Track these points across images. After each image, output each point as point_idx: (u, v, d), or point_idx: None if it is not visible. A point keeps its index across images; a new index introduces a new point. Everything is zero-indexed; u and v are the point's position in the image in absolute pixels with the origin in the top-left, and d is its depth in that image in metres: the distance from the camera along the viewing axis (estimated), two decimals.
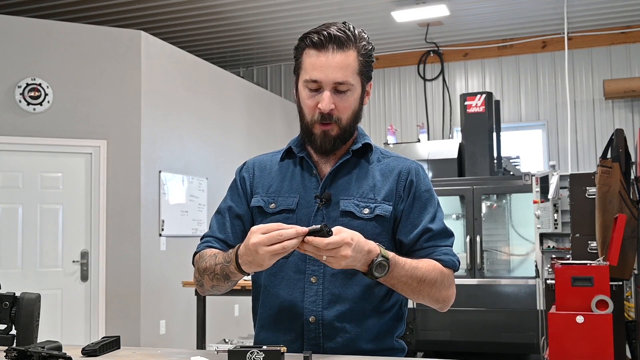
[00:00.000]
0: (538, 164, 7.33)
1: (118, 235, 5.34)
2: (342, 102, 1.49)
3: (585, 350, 3.66)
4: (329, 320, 1.49)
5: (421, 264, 1.47)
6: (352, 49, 1.48)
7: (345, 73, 1.47)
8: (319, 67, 1.47)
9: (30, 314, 1.55)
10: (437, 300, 1.52)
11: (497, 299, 5.75)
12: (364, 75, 1.52)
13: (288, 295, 1.52)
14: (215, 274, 1.49)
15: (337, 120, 1.50)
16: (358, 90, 1.52)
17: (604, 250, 4.03)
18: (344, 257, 1.31)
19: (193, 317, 4.37)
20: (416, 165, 1.60)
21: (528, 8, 6.71)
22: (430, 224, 1.54)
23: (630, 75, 7.12)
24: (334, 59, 1.46)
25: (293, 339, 1.51)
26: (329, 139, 1.52)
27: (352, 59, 1.48)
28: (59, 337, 1.58)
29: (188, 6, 6.47)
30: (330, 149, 1.54)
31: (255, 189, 1.62)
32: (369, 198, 1.53)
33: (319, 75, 1.47)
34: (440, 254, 1.52)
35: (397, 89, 8.08)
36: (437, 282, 1.48)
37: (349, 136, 1.55)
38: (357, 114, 1.54)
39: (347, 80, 1.48)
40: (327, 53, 1.47)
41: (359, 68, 1.50)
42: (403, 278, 1.43)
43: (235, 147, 6.88)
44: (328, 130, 1.51)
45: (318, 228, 1.31)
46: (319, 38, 1.46)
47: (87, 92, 5.36)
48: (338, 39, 1.46)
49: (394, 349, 1.57)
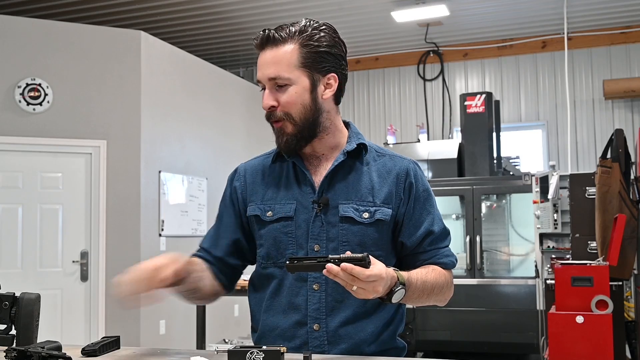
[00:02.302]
0: (538, 164, 7.32)
1: (118, 235, 5.34)
2: (283, 97, 1.49)
3: (585, 351, 3.66)
4: (333, 327, 1.48)
5: (429, 276, 1.48)
6: (289, 43, 1.48)
7: (278, 68, 1.48)
8: (259, 67, 1.52)
9: (30, 314, 1.54)
10: (440, 302, 1.56)
11: (497, 299, 5.75)
12: (309, 68, 1.48)
13: (291, 303, 1.51)
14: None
15: (286, 117, 1.49)
16: (302, 83, 1.48)
17: (603, 250, 4.03)
18: (375, 292, 1.29)
19: (193, 317, 4.37)
20: (413, 164, 1.58)
21: (528, 8, 6.70)
22: (432, 226, 1.55)
23: (630, 75, 7.12)
24: (268, 56, 1.50)
25: (296, 346, 1.49)
26: (286, 137, 1.50)
27: (289, 53, 1.47)
28: (58, 337, 1.58)
29: (188, 6, 6.46)
30: (294, 148, 1.51)
31: (250, 197, 1.59)
32: (367, 201, 1.51)
33: (259, 74, 1.52)
34: (442, 257, 1.54)
35: (397, 89, 8.07)
36: (444, 288, 1.52)
37: (311, 133, 1.51)
38: (310, 107, 1.49)
39: (280, 75, 1.47)
40: (264, 52, 1.51)
41: (300, 60, 1.47)
42: (416, 294, 1.45)
43: (235, 147, 6.88)
44: (281, 128, 1.50)
45: (359, 257, 1.27)
46: (259, 40, 1.52)
47: (87, 92, 5.36)
48: (273, 37, 1.49)
49: (396, 348, 1.57)
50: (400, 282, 1.37)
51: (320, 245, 1.49)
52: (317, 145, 1.54)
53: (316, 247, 1.50)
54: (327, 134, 1.54)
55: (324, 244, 1.49)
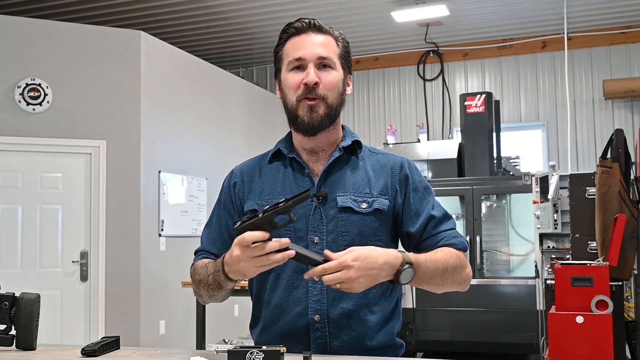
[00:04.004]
0: (538, 164, 7.32)
1: (118, 235, 5.34)
2: (327, 77, 1.52)
3: (585, 351, 3.66)
4: (334, 318, 1.49)
5: (439, 255, 1.49)
6: (330, 35, 1.56)
7: (328, 50, 1.53)
8: (302, 47, 1.52)
9: (29, 314, 1.54)
10: (459, 284, 1.56)
11: (497, 299, 5.75)
12: (345, 61, 1.57)
13: (291, 296, 1.52)
14: (209, 285, 1.50)
15: (323, 97, 1.51)
16: (340, 71, 1.55)
17: (603, 250, 4.03)
18: (350, 280, 1.30)
19: (193, 317, 4.37)
20: (407, 159, 1.63)
21: (528, 8, 6.70)
22: (432, 211, 1.57)
23: (630, 75, 7.12)
24: (316, 38, 1.53)
25: (298, 339, 1.50)
26: (316, 115, 1.51)
27: (332, 42, 1.55)
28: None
29: (188, 6, 6.46)
30: (318, 127, 1.52)
31: (247, 194, 1.61)
32: (365, 193, 1.54)
33: (303, 52, 1.52)
34: (450, 238, 1.55)
35: (397, 89, 8.07)
36: (457, 267, 1.51)
37: (335, 117, 1.55)
38: (341, 96, 1.55)
39: (330, 56, 1.53)
40: (308, 35, 1.53)
41: (340, 52, 1.56)
42: (428, 275, 1.45)
43: (235, 147, 6.88)
44: (314, 106, 1.51)
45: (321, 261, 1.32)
46: (299, 24, 1.54)
47: (87, 92, 5.36)
48: (317, 25, 1.55)
49: (395, 345, 1.58)
50: (407, 262, 1.38)
51: (319, 237, 1.51)
52: (323, 138, 1.57)
53: (316, 239, 1.51)
54: (334, 128, 1.58)
55: (323, 236, 1.51)
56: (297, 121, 1.53)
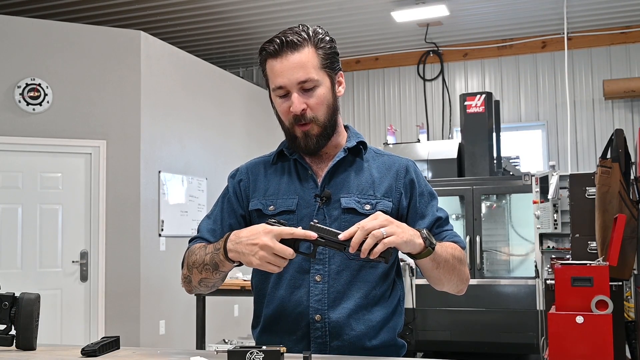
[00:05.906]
0: (538, 164, 7.32)
1: (118, 235, 5.34)
2: (312, 100, 1.51)
3: (585, 351, 3.66)
4: (335, 318, 1.49)
5: (447, 244, 1.51)
6: (307, 46, 1.51)
7: (306, 70, 1.49)
8: (280, 73, 1.49)
9: (29, 314, 1.54)
10: (463, 280, 1.55)
11: (497, 299, 5.75)
12: (328, 68, 1.54)
13: (292, 295, 1.52)
14: (205, 265, 1.50)
15: (313, 119, 1.52)
16: (326, 83, 1.53)
17: (603, 250, 4.03)
18: (386, 222, 1.32)
19: (193, 317, 4.37)
20: (412, 162, 1.64)
21: (528, 8, 6.70)
22: (437, 213, 1.60)
23: (630, 75, 7.12)
24: (292, 60, 1.49)
25: (298, 338, 1.51)
26: (311, 138, 1.53)
27: (311, 55, 1.51)
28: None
29: (188, 6, 6.46)
30: (315, 148, 1.54)
31: (252, 192, 1.62)
32: (368, 194, 1.55)
33: (282, 80, 1.49)
34: (453, 236, 1.57)
35: (397, 89, 8.07)
36: (462, 260, 1.53)
37: (332, 131, 1.56)
38: (332, 107, 1.55)
39: (310, 77, 1.50)
40: (284, 58, 1.49)
41: (321, 62, 1.52)
42: (443, 254, 1.45)
43: (235, 148, 6.88)
44: (308, 131, 1.52)
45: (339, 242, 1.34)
46: (273, 47, 1.50)
47: (87, 92, 5.36)
48: (291, 42, 1.50)
49: (396, 345, 1.58)
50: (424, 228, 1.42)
51: None
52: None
53: None
54: (335, 133, 1.59)
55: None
56: (295, 142, 1.55)
